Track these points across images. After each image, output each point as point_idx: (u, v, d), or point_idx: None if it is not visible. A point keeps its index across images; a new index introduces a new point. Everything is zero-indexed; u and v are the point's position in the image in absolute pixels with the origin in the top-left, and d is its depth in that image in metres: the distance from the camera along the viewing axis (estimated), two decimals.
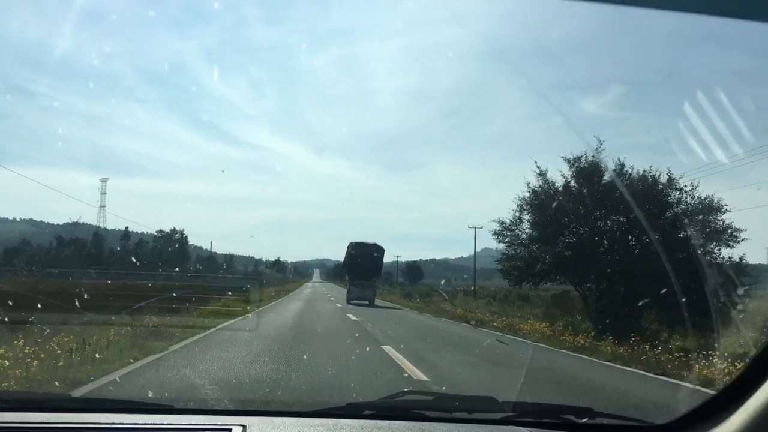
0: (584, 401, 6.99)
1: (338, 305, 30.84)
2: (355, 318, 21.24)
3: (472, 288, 54.91)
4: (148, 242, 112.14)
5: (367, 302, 35.62)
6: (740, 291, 11.44)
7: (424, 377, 8.43)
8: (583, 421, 2.59)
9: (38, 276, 70.51)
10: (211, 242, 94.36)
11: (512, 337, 16.84)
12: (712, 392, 2.80)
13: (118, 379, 7.32)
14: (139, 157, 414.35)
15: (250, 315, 19.99)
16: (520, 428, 2.50)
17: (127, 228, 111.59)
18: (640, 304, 14.01)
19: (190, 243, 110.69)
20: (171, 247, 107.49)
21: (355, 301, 35.34)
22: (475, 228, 50.97)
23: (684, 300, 11.52)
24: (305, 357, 9.93)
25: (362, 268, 36.81)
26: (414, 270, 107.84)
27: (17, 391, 5.72)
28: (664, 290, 12.19)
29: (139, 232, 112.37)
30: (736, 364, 8.48)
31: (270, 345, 11.53)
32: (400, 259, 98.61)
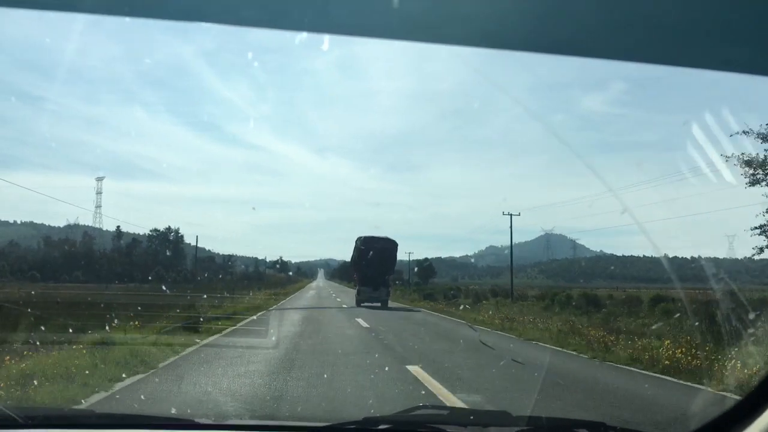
0: None
1: (363, 323, 18.91)
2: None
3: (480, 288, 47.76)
4: (141, 242, 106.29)
5: (379, 304, 32.07)
6: None
7: None
8: None
9: (20, 280, 65.66)
10: (197, 236, 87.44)
11: None
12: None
13: None
14: (142, 160, 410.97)
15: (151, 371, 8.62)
16: None
17: (118, 227, 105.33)
18: None
19: (188, 243, 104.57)
20: (166, 247, 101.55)
21: (366, 304, 31.84)
22: (510, 215, 43.65)
23: None
24: None
25: (373, 265, 32.79)
26: (426, 268, 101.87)
27: (43, 407, 5.20)
28: None
29: (141, 233, 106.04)
30: None
31: None
32: (408, 258, 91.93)
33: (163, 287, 46.90)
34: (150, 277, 71.45)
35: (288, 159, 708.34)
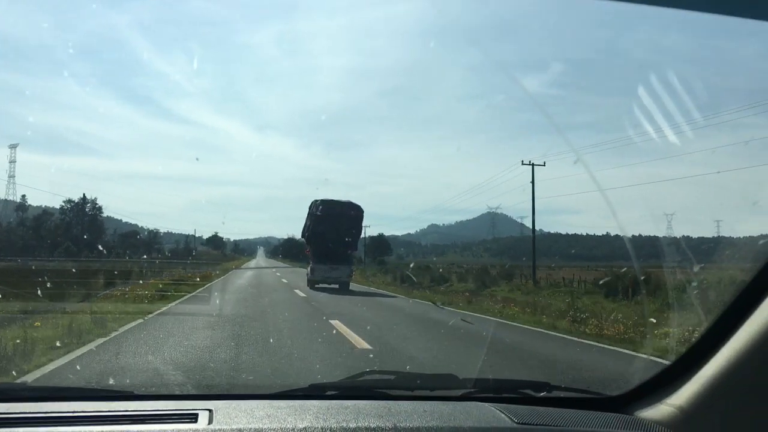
0: None
1: None
2: None
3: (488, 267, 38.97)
4: (53, 215, 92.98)
5: (337, 286, 26.13)
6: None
7: None
8: (542, 394, 2.55)
9: None
10: (84, 194, 75.32)
11: None
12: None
13: None
14: (72, 133, 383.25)
15: None
16: (481, 403, 2.40)
17: (23, 197, 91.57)
18: None
19: (116, 218, 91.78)
20: (81, 220, 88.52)
21: (321, 285, 25.84)
22: (532, 164, 34.55)
23: None
24: None
25: (333, 237, 26.59)
26: (381, 244, 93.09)
27: None
28: None
29: (56, 207, 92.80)
30: None
31: None
32: (364, 233, 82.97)
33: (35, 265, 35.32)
34: (53, 254, 59.66)
35: (227, 135, 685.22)
